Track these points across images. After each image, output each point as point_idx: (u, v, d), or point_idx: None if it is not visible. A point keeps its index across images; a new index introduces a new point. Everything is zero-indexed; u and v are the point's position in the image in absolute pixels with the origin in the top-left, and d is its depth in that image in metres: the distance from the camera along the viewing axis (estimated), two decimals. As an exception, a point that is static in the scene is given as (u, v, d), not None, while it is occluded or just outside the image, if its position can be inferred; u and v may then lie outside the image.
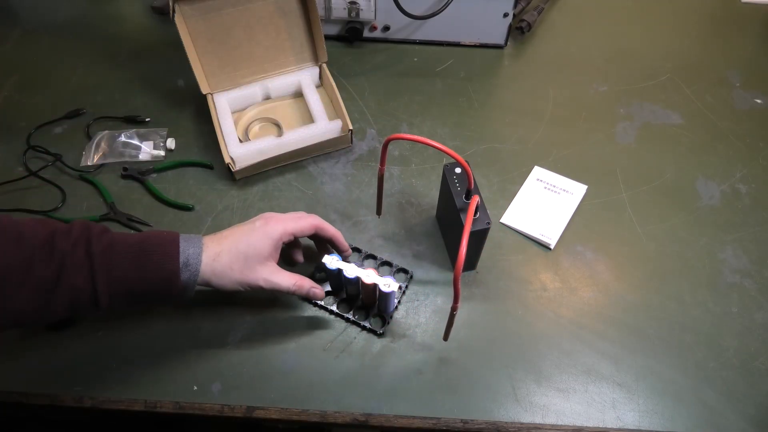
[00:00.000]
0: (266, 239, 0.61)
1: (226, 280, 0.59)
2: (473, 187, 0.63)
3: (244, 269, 0.60)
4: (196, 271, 0.58)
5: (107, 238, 0.56)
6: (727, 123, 0.88)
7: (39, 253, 0.53)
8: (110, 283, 0.54)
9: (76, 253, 0.54)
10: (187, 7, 0.77)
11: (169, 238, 0.57)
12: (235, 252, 0.60)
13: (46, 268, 0.53)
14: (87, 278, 0.54)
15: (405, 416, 0.63)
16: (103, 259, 0.54)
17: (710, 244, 0.75)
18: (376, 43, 0.97)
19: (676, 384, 0.65)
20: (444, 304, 0.70)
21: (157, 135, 0.84)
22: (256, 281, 0.60)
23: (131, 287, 0.55)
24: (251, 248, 0.60)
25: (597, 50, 0.98)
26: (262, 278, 0.61)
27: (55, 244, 0.53)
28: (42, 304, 0.53)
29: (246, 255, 0.60)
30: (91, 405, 0.63)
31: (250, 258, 0.60)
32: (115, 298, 0.55)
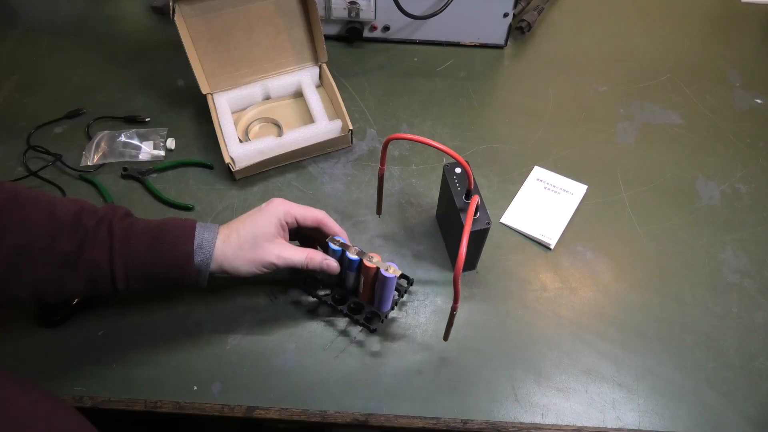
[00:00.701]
0: (271, 217, 0.62)
1: (238, 262, 0.60)
2: (473, 187, 0.63)
3: (255, 248, 0.61)
4: (209, 255, 0.59)
5: (129, 220, 0.59)
6: (727, 123, 0.88)
7: (65, 228, 0.56)
8: (127, 262, 0.57)
9: (99, 230, 0.56)
10: (187, 7, 0.77)
11: (186, 222, 0.60)
12: (243, 232, 0.61)
13: (70, 242, 0.55)
14: (105, 255, 0.56)
15: (405, 416, 0.63)
16: (123, 238, 0.57)
17: (710, 244, 0.75)
18: (376, 43, 0.97)
19: (676, 384, 0.65)
20: (444, 304, 0.70)
21: (157, 135, 0.84)
22: (268, 258, 0.61)
23: (147, 267, 0.58)
24: (258, 227, 0.61)
25: (597, 50, 0.98)
26: (274, 254, 0.61)
27: (80, 221, 0.56)
28: (62, 277, 0.55)
29: (254, 234, 0.61)
30: (91, 405, 0.63)
31: (258, 236, 0.61)
32: (132, 278, 0.58)
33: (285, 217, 0.63)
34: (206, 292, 0.70)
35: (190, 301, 0.70)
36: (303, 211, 0.64)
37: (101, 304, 0.69)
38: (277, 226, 0.62)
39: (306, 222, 0.64)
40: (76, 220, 0.56)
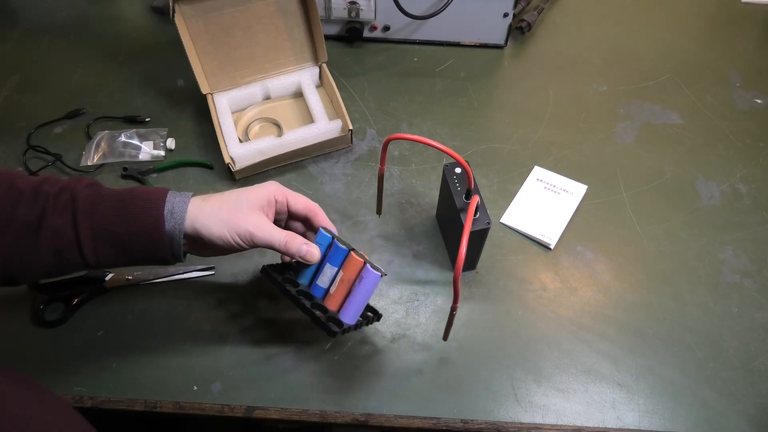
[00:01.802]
0: (260, 190, 0.59)
1: (212, 221, 0.55)
2: (473, 187, 0.63)
3: (234, 211, 0.56)
4: (181, 220, 0.55)
5: (95, 188, 0.56)
6: (727, 123, 0.88)
7: (24, 196, 0.53)
8: (93, 228, 0.53)
9: (61, 197, 0.54)
10: (187, 7, 0.77)
11: (157, 189, 0.57)
12: (227, 196, 0.58)
13: (30, 211, 0.53)
14: (69, 222, 0.53)
15: (405, 416, 0.63)
16: (86, 204, 0.54)
17: (710, 244, 0.75)
18: (376, 43, 0.97)
19: (676, 384, 0.65)
20: (444, 304, 0.70)
21: (157, 135, 0.84)
22: (245, 226, 0.56)
23: (115, 234, 0.54)
24: (243, 195, 0.58)
25: (597, 50, 0.98)
26: (253, 224, 0.56)
27: (41, 189, 0.54)
28: (26, 248, 0.53)
29: (238, 197, 0.58)
30: (91, 405, 0.63)
31: (241, 200, 0.57)
32: (101, 246, 0.54)
33: (276, 194, 0.60)
34: (206, 293, 0.70)
35: (190, 301, 0.70)
36: (296, 195, 0.61)
37: (101, 304, 0.69)
38: (265, 200, 0.59)
39: (297, 206, 0.61)
40: (36, 189, 0.54)
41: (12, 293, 0.70)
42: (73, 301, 0.68)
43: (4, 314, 0.69)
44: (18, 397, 0.44)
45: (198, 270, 0.72)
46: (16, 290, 0.70)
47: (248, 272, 0.72)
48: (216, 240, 0.56)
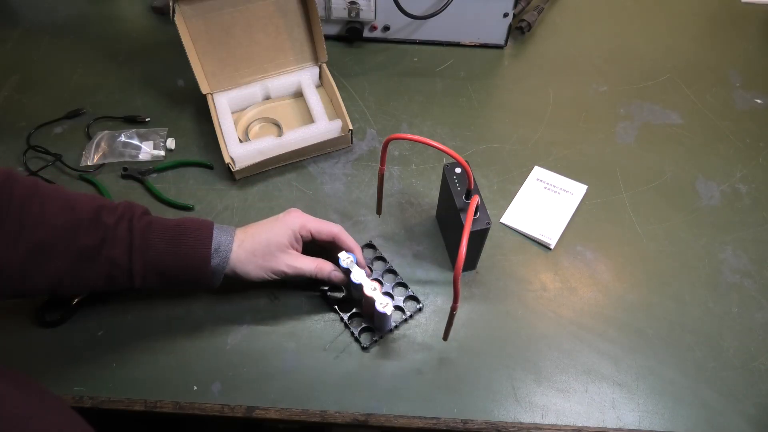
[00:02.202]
0: (285, 228, 0.64)
1: (250, 267, 0.63)
2: (473, 187, 0.63)
3: (267, 255, 0.63)
4: (225, 258, 0.62)
5: (147, 219, 0.61)
6: (727, 123, 0.88)
7: (86, 224, 0.58)
8: (145, 261, 0.59)
9: (119, 228, 0.59)
10: (187, 7, 0.77)
11: (204, 224, 0.62)
12: (258, 239, 0.63)
13: (91, 238, 0.57)
14: (125, 253, 0.58)
15: (405, 416, 0.63)
16: (142, 238, 0.59)
17: (710, 244, 0.75)
18: (376, 43, 0.97)
19: (676, 384, 0.65)
20: (444, 304, 0.70)
21: (157, 135, 0.84)
22: (278, 267, 0.63)
23: (164, 267, 0.60)
24: (272, 236, 0.63)
25: (597, 50, 0.98)
26: (285, 263, 0.63)
27: (101, 218, 0.58)
28: (82, 272, 0.58)
29: (267, 242, 0.63)
30: (91, 405, 0.63)
31: (271, 245, 0.63)
32: (149, 276, 0.60)
33: (300, 231, 0.65)
34: (206, 293, 0.70)
35: (190, 301, 0.70)
36: (319, 225, 0.66)
37: (101, 304, 0.69)
38: (291, 238, 0.64)
39: (321, 236, 0.66)
40: (96, 216, 0.58)
41: (12, 293, 0.70)
42: (73, 301, 0.68)
43: (4, 314, 0.68)
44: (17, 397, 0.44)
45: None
46: (16, 290, 0.70)
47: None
48: (253, 279, 0.64)
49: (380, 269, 0.72)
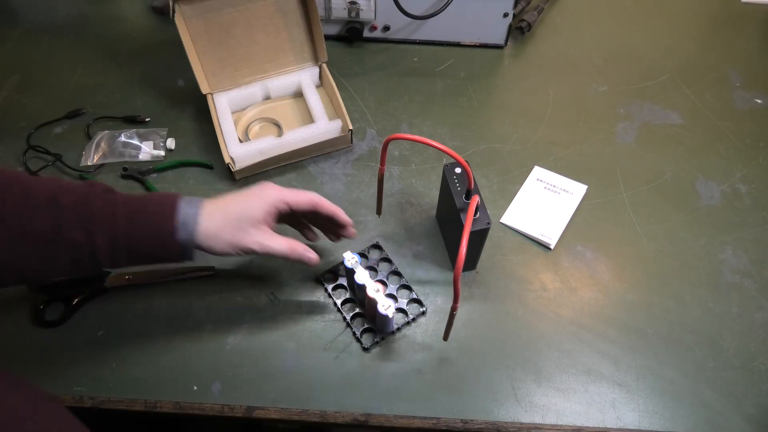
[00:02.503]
0: (260, 202, 0.60)
1: (216, 241, 0.58)
2: (473, 187, 0.63)
3: (237, 231, 0.59)
4: (192, 231, 0.57)
5: (110, 197, 0.57)
6: (727, 123, 0.88)
7: (42, 209, 0.54)
8: (108, 240, 0.55)
9: (77, 210, 0.55)
10: (187, 7, 0.77)
11: (168, 197, 0.58)
12: (229, 213, 0.59)
13: (47, 223, 0.54)
14: (86, 234, 0.54)
15: (405, 416, 0.63)
16: (103, 217, 0.55)
17: (710, 244, 0.75)
18: (376, 43, 0.97)
19: (676, 384, 0.65)
20: (444, 304, 0.70)
21: (157, 135, 0.84)
22: (248, 244, 0.59)
23: (129, 245, 0.56)
24: (245, 210, 0.60)
25: (597, 50, 0.98)
26: (255, 241, 0.60)
27: (57, 201, 0.55)
28: (43, 258, 0.54)
29: (239, 217, 0.59)
30: (91, 405, 0.63)
31: (242, 221, 0.59)
32: (117, 255, 0.56)
33: (277, 204, 0.61)
34: (206, 293, 0.70)
35: (190, 301, 0.70)
36: (296, 196, 0.62)
37: (101, 304, 0.69)
38: (265, 213, 0.60)
39: (300, 206, 0.63)
40: (52, 199, 0.55)
41: (12, 293, 0.70)
42: (73, 301, 0.68)
43: (4, 314, 0.68)
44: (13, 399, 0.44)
45: (198, 270, 0.71)
46: (16, 290, 0.70)
47: (248, 272, 0.72)
48: (218, 254, 0.59)
49: (385, 270, 0.72)
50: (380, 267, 0.72)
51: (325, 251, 0.73)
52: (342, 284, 0.71)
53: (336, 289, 0.71)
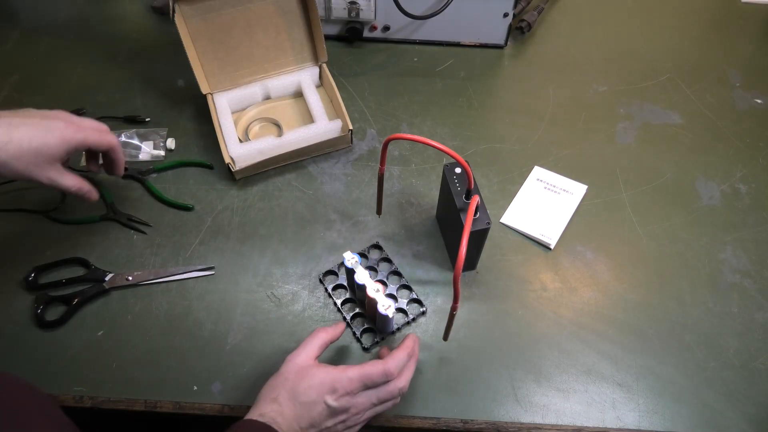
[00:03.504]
0: (63, 144, 0.60)
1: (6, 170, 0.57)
2: (473, 187, 0.63)
3: (30, 165, 0.58)
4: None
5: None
6: (727, 123, 0.88)
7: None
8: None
9: None
10: (187, 7, 0.77)
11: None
12: (26, 146, 0.57)
13: None
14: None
15: (405, 416, 0.63)
16: None
17: (710, 244, 0.75)
18: (376, 43, 0.97)
19: (676, 384, 0.65)
20: (444, 304, 0.70)
21: (157, 135, 0.84)
22: (39, 178, 0.59)
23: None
24: (44, 147, 0.58)
25: (597, 50, 0.98)
26: (47, 176, 0.60)
27: None
28: None
29: (37, 152, 0.58)
30: (91, 405, 0.63)
31: (40, 156, 0.58)
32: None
33: (79, 146, 0.62)
34: (206, 293, 0.70)
35: (190, 301, 0.70)
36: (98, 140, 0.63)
37: (101, 304, 0.69)
38: (64, 153, 0.60)
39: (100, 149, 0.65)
40: None
41: (12, 293, 0.70)
42: (73, 301, 0.68)
43: (4, 314, 0.68)
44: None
45: (198, 270, 0.72)
46: (16, 290, 0.70)
47: (248, 272, 0.72)
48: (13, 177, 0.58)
49: (385, 270, 0.72)
50: (380, 267, 0.72)
51: (324, 252, 0.74)
52: (342, 284, 0.71)
53: (336, 289, 0.71)
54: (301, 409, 0.53)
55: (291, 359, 0.56)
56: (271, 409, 0.53)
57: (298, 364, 0.56)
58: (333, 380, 0.54)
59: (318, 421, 0.54)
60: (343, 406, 0.54)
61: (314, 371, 0.55)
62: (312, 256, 0.73)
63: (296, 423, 0.53)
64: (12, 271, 0.70)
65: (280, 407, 0.53)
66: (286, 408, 0.53)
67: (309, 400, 0.54)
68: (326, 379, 0.54)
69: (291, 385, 0.54)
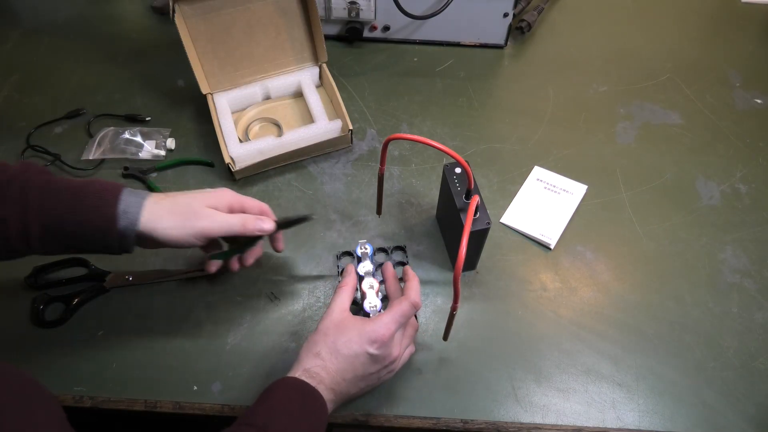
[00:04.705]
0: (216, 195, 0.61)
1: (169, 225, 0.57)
2: (473, 187, 0.63)
3: (188, 213, 0.58)
4: (135, 220, 0.56)
5: (45, 178, 0.55)
6: (727, 123, 0.88)
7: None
8: (41, 221, 0.53)
9: (11, 187, 0.53)
10: (187, 7, 0.77)
11: (111, 185, 0.57)
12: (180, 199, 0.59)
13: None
14: (17, 212, 0.53)
15: (405, 416, 0.63)
16: (38, 196, 0.53)
17: (710, 244, 0.75)
18: (376, 43, 0.97)
19: (676, 384, 0.65)
20: (444, 304, 0.70)
21: (160, 134, 0.84)
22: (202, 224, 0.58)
23: (64, 229, 0.54)
24: (195, 200, 0.59)
25: (597, 50, 0.98)
26: (208, 220, 0.59)
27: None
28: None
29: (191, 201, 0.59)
30: (91, 405, 0.63)
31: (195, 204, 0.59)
32: (48, 239, 0.54)
33: (231, 203, 0.62)
34: (206, 293, 0.70)
35: (190, 301, 0.70)
36: (251, 200, 0.63)
37: (101, 304, 0.69)
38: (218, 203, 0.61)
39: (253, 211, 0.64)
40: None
41: (12, 293, 0.70)
42: (73, 301, 0.68)
43: (3, 314, 0.68)
44: None
45: (198, 270, 0.71)
46: (16, 290, 0.70)
47: (248, 272, 0.72)
48: (171, 242, 0.58)
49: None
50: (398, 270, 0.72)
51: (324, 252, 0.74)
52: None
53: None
54: (344, 363, 0.55)
55: (326, 316, 0.58)
56: (314, 364, 0.55)
57: (334, 319, 0.58)
58: (371, 330, 0.56)
59: (361, 371, 0.56)
60: (384, 353, 0.56)
61: (351, 324, 0.57)
62: (312, 256, 0.73)
63: (340, 376, 0.55)
64: (12, 271, 0.70)
65: (323, 362, 0.55)
66: (329, 362, 0.55)
67: (351, 352, 0.55)
68: (364, 329, 0.56)
69: (332, 340, 0.56)
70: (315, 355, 0.56)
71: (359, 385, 0.57)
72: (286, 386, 0.54)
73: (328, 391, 0.55)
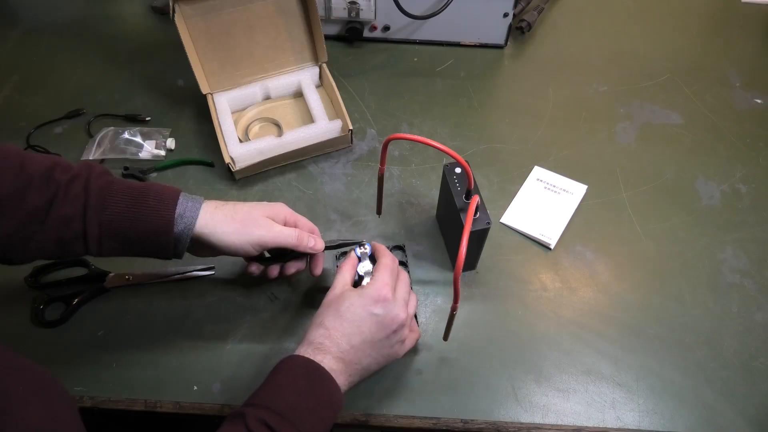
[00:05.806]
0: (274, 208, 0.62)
1: (228, 231, 0.58)
2: (473, 187, 0.63)
3: (247, 221, 0.59)
4: (191, 224, 0.57)
5: (106, 179, 0.56)
6: (727, 123, 0.88)
7: (37, 182, 0.53)
8: (101, 222, 0.54)
9: (73, 186, 0.54)
10: (187, 7, 0.77)
11: (170, 189, 0.58)
12: (239, 207, 0.60)
13: (40, 197, 0.53)
14: (79, 213, 0.53)
15: (405, 416, 0.63)
16: (99, 197, 0.54)
17: (710, 244, 0.75)
18: (376, 43, 0.97)
19: (676, 384, 0.65)
20: (444, 304, 0.70)
21: (160, 134, 0.84)
22: (259, 233, 0.59)
23: (122, 231, 0.55)
24: (252, 210, 0.61)
25: (597, 50, 0.98)
26: (265, 228, 0.60)
27: (53, 175, 0.53)
28: (30, 234, 0.53)
29: (250, 210, 0.60)
30: (91, 405, 0.63)
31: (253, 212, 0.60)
32: (105, 240, 0.55)
33: (287, 217, 0.63)
34: (206, 293, 0.70)
35: (190, 301, 0.70)
36: (304, 219, 0.65)
37: (101, 304, 0.69)
38: (274, 215, 0.62)
39: (305, 228, 0.65)
40: (48, 174, 0.53)
41: (12, 293, 0.70)
42: (73, 301, 0.68)
43: (4, 314, 0.69)
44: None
45: (198, 270, 0.71)
46: (16, 290, 0.70)
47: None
48: (227, 248, 0.59)
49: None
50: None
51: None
52: None
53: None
54: (349, 327, 0.55)
55: (329, 292, 0.59)
56: (318, 334, 0.56)
57: (336, 292, 0.59)
58: (371, 291, 0.57)
59: (369, 336, 0.56)
60: (388, 312, 0.56)
61: (352, 292, 0.58)
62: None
63: (346, 342, 0.55)
64: (12, 271, 0.70)
65: (327, 330, 0.56)
66: (333, 330, 0.55)
67: (355, 316, 0.56)
68: (364, 293, 0.57)
69: (334, 307, 0.57)
70: (318, 325, 0.56)
71: (371, 355, 0.56)
72: (290, 364, 0.54)
73: (336, 361, 0.54)
